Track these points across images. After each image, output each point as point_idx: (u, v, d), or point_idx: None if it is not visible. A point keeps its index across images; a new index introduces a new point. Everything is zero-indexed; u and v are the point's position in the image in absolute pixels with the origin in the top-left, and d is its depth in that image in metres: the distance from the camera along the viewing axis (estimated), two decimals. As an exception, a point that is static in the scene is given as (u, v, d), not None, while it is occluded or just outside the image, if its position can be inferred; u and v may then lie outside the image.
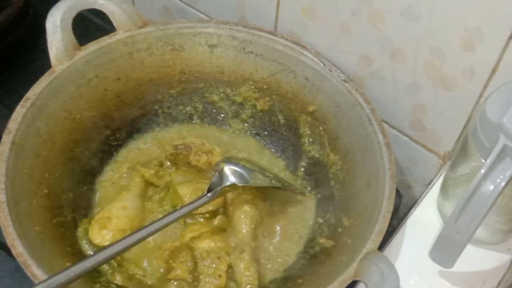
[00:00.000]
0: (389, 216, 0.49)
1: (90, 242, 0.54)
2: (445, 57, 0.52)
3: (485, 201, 0.44)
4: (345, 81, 0.58)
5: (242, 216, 0.56)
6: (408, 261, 0.53)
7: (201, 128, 0.66)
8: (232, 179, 0.55)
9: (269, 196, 0.59)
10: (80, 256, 0.52)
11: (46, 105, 0.55)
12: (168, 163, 0.62)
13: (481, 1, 0.47)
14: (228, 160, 0.58)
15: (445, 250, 0.47)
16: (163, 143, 0.64)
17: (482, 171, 0.44)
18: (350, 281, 0.45)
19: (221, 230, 0.57)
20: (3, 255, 0.55)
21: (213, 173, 0.56)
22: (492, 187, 0.44)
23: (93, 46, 0.59)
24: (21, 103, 0.53)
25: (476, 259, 0.53)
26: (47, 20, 0.57)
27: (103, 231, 0.54)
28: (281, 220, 0.59)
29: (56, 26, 0.56)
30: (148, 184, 0.59)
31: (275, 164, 0.64)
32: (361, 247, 0.47)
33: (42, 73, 0.56)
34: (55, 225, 0.52)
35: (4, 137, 0.51)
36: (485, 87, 0.52)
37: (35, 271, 0.44)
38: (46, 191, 0.53)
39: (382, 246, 0.51)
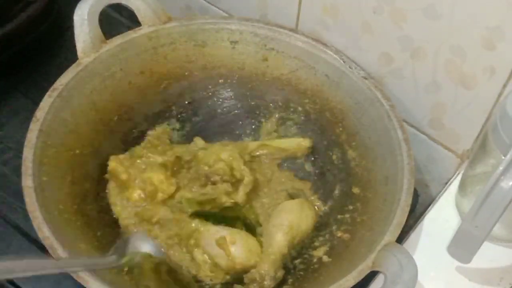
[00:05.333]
0: (407, 209, 0.49)
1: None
2: (465, 55, 0.53)
3: (504, 197, 0.44)
4: (365, 78, 0.58)
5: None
6: (426, 256, 0.53)
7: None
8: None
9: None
10: (104, 241, 0.53)
11: (72, 95, 0.56)
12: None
13: (502, 0, 0.47)
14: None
15: (463, 245, 0.48)
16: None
17: (501, 167, 0.44)
18: (369, 271, 0.46)
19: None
20: (26, 244, 0.56)
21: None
22: (511, 183, 0.44)
23: (118, 40, 0.60)
24: (48, 93, 0.55)
25: (493, 255, 0.53)
26: (75, 13, 0.58)
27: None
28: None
29: (84, 19, 0.58)
30: None
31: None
32: (380, 239, 0.47)
33: (65, 68, 0.57)
34: (79, 211, 0.53)
35: (31, 125, 0.52)
36: (504, 86, 0.52)
37: (61, 254, 0.45)
38: (70, 178, 0.54)
39: (399, 242, 0.51)
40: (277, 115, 0.65)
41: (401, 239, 0.53)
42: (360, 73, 0.59)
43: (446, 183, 0.62)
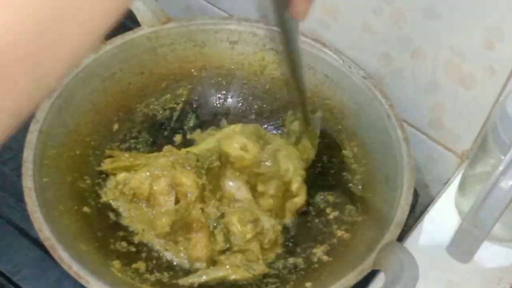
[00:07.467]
0: (407, 209, 0.49)
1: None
2: (465, 56, 0.53)
3: (503, 197, 0.45)
4: (364, 77, 0.58)
5: None
6: (425, 256, 0.53)
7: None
8: None
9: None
10: (104, 241, 0.53)
11: (72, 96, 0.56)
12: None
13: (502, 0, 0.47)
14: None
15: (463, 245, 0.48)
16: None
17: (501, 167, 0.44)
18: (369, 270, 0.46)
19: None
20: (27, 244, 0.56)
21: None
22: (510, 183, 0.45)
23: (118, 40, 0.60)
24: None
25: (493, 255, 0.53)
26: (75, 14, 0.58)
27: None
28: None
29: (83, 20, 0.57)
30: None
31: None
32: (380, 238, 0.47)
33: (65, 69, 0.57)
34: (79, 212, 0.53)
35: (31, 126, 0.52)
36: (504, 86, 0.52)
37: (62, 255, 0.45)
38: (70, 179, 0.54)
39: (399, 242, 0.52)
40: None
41: (401, 239, 0.53)
42: (359, 73, 0.59)
43: (446, 183, 0.62)
